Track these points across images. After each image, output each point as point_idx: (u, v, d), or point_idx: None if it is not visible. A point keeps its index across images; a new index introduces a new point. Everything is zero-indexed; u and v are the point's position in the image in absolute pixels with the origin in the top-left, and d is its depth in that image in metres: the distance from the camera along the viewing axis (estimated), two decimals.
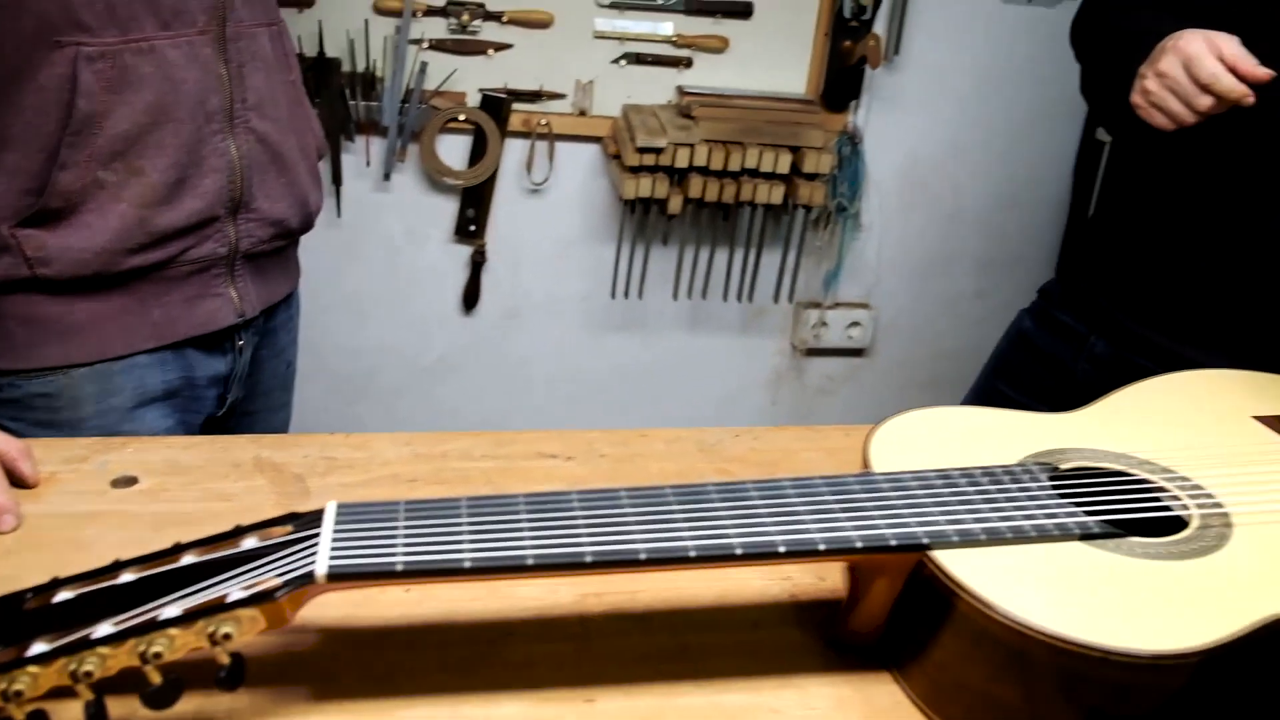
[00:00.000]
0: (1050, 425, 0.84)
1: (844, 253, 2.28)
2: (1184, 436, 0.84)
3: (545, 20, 1.95)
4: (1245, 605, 0.63)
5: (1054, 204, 2.34)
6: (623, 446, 0.96)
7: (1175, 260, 1.22)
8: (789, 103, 2.04)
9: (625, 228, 2.11)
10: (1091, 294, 1.34)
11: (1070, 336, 1.37)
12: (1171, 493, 0.76)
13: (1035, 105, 2.23)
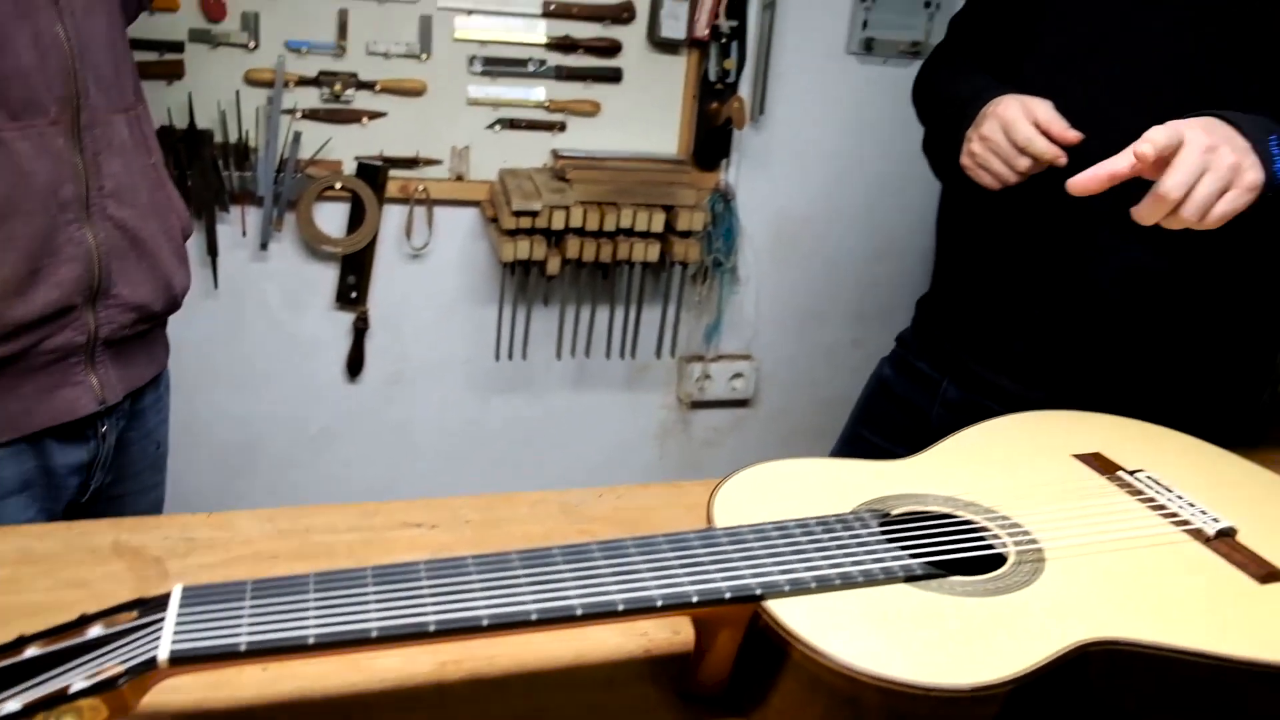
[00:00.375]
0: (885, 472, 0.89)
1: (723, 306, 2.35)
2: (1007, 477, 0.90)
3: (419, 89, 1.98)
4: (1054, 634, 0.68)
5: (921, 253, 2.45)
6: (487, 512, 0.98)
7: (1009, 306, 1.30)
8: (661, 163, 2.10)
9: (506, 289, 2.13)
10: (941, 341, 1.42)
11: (925, 383, 1.44)
12: (992, 531, 0.81)
13: (898, 158, 2.33)
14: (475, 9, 1.96)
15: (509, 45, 2.00)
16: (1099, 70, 1.19)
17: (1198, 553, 0.80)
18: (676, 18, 2.01)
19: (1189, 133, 0.93)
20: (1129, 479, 0.91)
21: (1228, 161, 0.93)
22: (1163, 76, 1.15)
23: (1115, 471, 0.92)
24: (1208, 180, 0.92)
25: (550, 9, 1.99)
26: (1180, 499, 0.87)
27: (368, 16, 1.92)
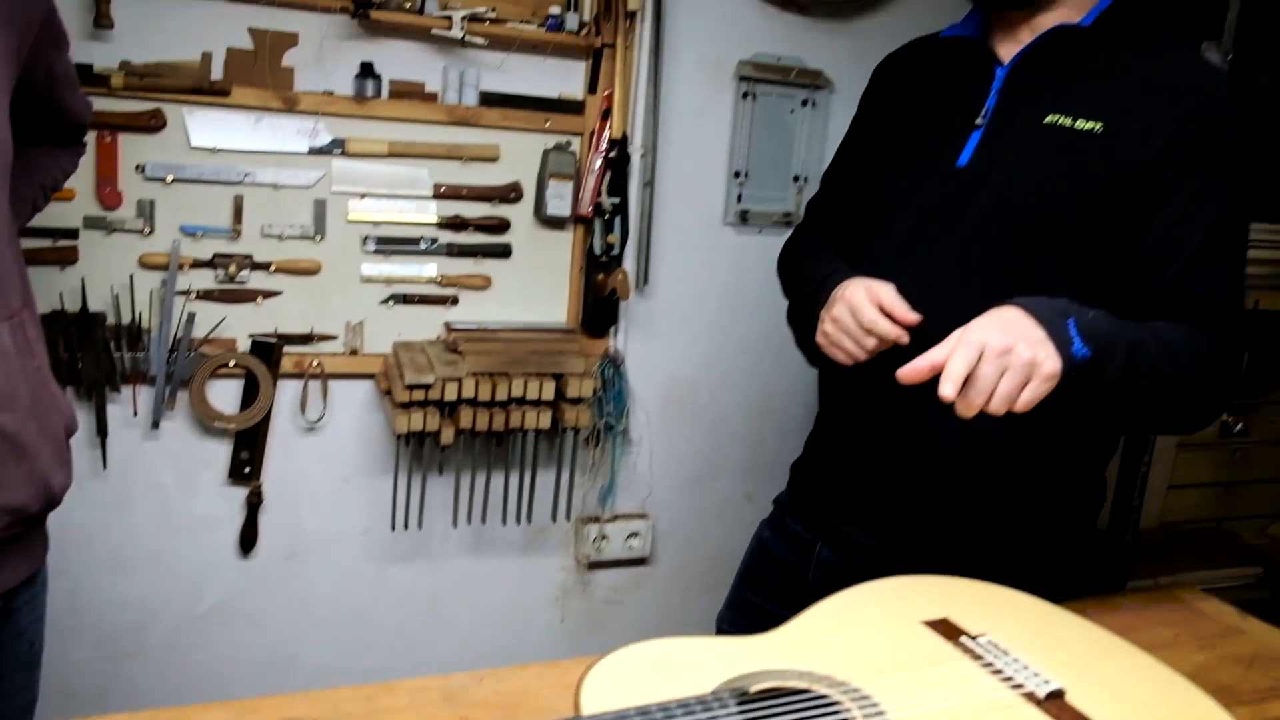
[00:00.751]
0: (748, 649, 0.94)
1: (616, 468, 2.40)
2: (862, 647, 0.96)
3: (313, 268, 2.04)
4: None
5: (806, 410, 2.56)
6: (368, 703, 0.99)
7: (871, 471, 1.39)
8: (551, 333, 2.19)
9: (401, 460, 2.16)
10: (813, 504, 1.50)
11: (801, 545, 1.51)
12: (844, 705, 0.86)
13: (778, 320, 2.43)
14: (368, 192, 2.05)
15: (401, 225, 2.09)
16: (933, 253, 1.32)
17: (1029, 716, 0.86)
18: (561, 197, 2.13)
19: (987, 338, 1.05)
20: (971, 644, 0.97)
21: (1023, 359, 1.04)
22: (985, 260, 1.27)
23: (959, 637, 0.99)
24: (1007, 378, 1.04)
25: (441, 191, 2.09)
26: (1016, 662, 0.94)
27: (263, 201, 1.99)
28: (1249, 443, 2.60)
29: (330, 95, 1.97)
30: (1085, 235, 1.24)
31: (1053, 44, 1.27)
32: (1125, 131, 1.21)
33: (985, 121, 1.31)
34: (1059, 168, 1.24)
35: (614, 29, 2.13)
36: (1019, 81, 1.31)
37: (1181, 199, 1.19)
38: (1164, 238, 1.20)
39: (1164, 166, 1.19)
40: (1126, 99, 1.22)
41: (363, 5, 1.88)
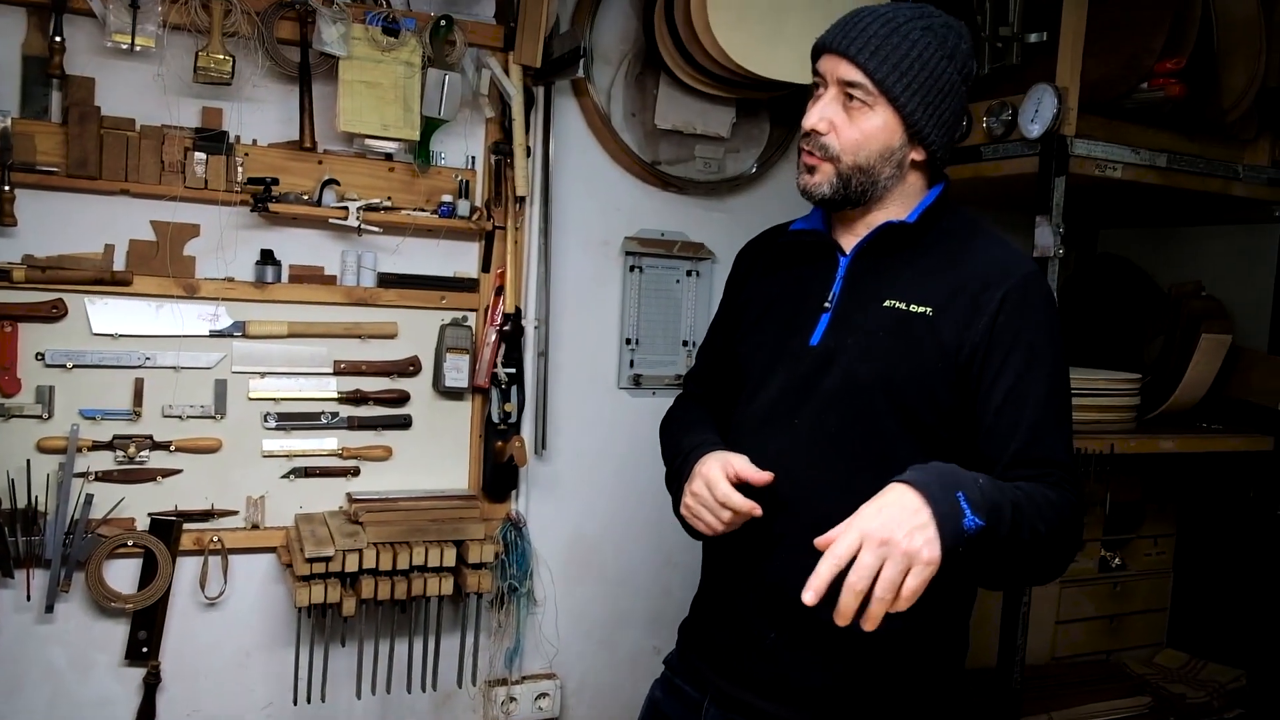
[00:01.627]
0: None
1: (522, 629, 2.43)
2: None
3: (214, 445, 2.09)
4: None
5: None
6: None
7: (742, 627, 1.46)
8: (452, 500, 2.25)
9: (303, 633, 2.17)
10: (698, 662, 1.56)
11: (689, 703, 1.56)
12: None
13: None
14: (269, 371, 2.12)
15: (302, 401, 2.16)
16: (792, 424, 1.44)
17: None
18: (459, 369, 2.23)
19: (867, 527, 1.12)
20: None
21: (902, 550, 1.10)
22: (838, 429, 1.39)
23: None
24: (888, 568, 1.10)
25: (341, 367, 2.18)
26: None
27: (164, 382, 2.05)
28: (1127, 576, 2.74)
29: (231, 281, 2.07)
30: (923, 405, 1.37)
31: (884, 238, 1.43)
32: (951, 316, 1.36)
33: (833, 305, 1.46)
34: (897, 345, 1.38)
35: (505, 212, 2.27)
36: (859, 270, 1.46)
37: (1010, 375, 1.34)
38: (1003, 411, 1.33)
39: (990, 347, 1.34)
40: (949, 287, 1.38)
41: (262, 200, 2.00)
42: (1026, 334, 1.34)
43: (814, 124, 1.40)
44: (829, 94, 1.40)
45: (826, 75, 1.40)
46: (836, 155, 1.39)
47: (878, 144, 1.39)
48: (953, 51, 1.39)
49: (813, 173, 1.42)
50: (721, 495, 1.35)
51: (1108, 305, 2.84)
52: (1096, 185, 2.22)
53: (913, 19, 1.37)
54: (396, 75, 2.10)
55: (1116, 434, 2.33)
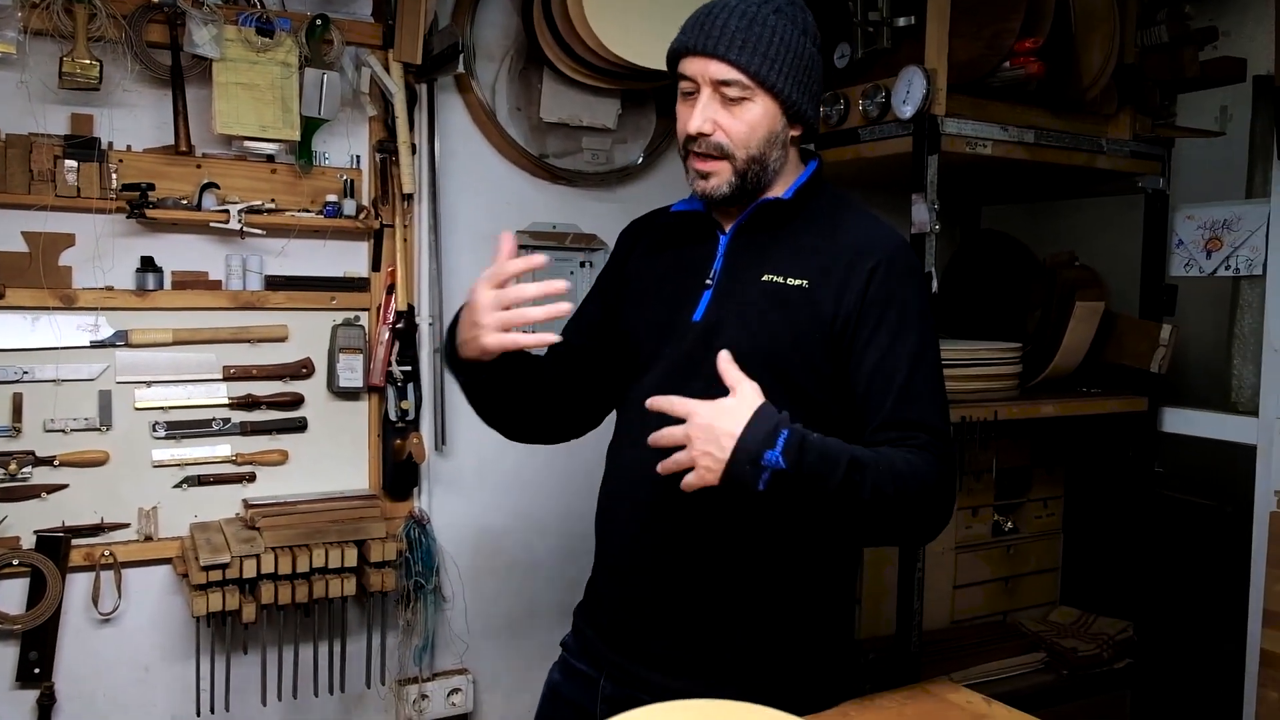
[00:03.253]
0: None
1: (431, 626, 2.43)
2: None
3: (100, 459, 2.05)
4: None
5: None
6: None
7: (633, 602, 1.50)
8: (351, 500, 2.24)
9: (203, 643, 2.14)
10: (594, 641, 1.59)
11: (586, 682, 1.59)
12: None
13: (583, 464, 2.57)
14: (155, 380, 2.09)
15: (192, 408, 2.13)
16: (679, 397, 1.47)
17: None
18: (353, 369, 2.22)
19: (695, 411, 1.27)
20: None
21: (694, 451, 1.25)
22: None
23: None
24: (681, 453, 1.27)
25: (231, 373, 2.15)
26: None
27: (44, 396, 2.00)
28: (1019, 539, 2.85)
29: (111, 290, 2.03)
30: (804, 375, 1.41)
31: (762, 214, 1.48)
32: (826, 288, 1.41)
33: (714, 282, 1.50)
34: (776, 318, 1.42)
35: (393, 211, 2.27)
36: (738, 247, 1.50)
37: (881, 343, 1.39)
38: (874, 377, 1.38)
39: (861, 316, 1.39)
40: (824, 261, 1.43)
41: (138, 206, 1.96)
42: (896, 304, 1.40)
43: (699, 127, 1.42)
44: (704, 95, 1.42)
45: (696, 77, 1.42)
46: (730, 152, 1.43)
47: (763, 131, 1.43)
48: (806, 26, 1.44)
49: (708, 177, 1.45)
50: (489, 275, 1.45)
51: (991, 279, 2.94)
52: (971, 163, 2.30)
53: (762, 5, 1.41)
54: (273, 76, 2.08)
55: (1000, 401, 2.42)
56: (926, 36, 2.12)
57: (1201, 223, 2.57)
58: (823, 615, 1.52)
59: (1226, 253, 2.52)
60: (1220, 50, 2.53)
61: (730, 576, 1.44)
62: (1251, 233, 2.45)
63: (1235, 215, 2.49)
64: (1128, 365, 2.63)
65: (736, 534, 1.43)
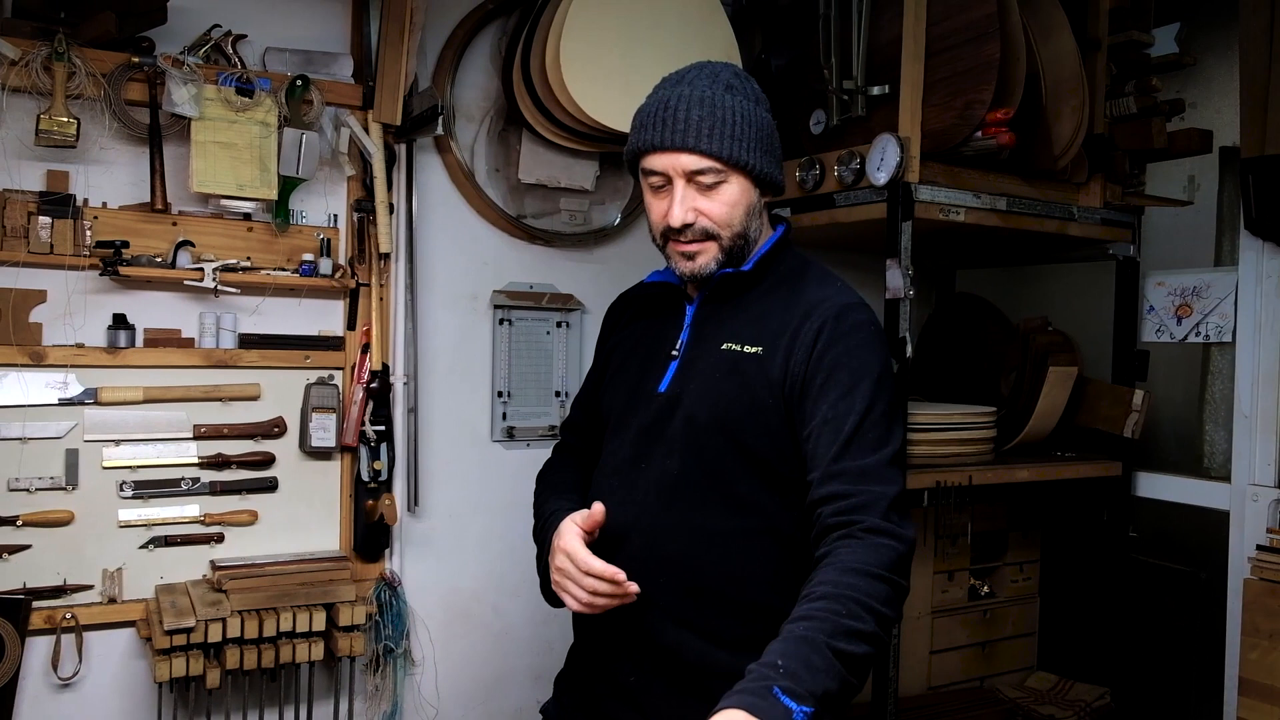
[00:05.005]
0: None
1: (400, 691, 2.38)
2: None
3: (65, 519, 2.01)
4: None
5: None
6: None
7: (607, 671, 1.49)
8: (321, 562, 2.20)
9: (164, 709, 2.08)
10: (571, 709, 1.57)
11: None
12: None
13: None
14: (124, 438, 2.06)
15: (161, 468, 2.10)
16: (647, 466, 1.47)
17: None
18: (325, 429, 2.20)
19: None
20: None
21: None
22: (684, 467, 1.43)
23: None
24: None
25: (201, 431, 2.12)
26: None
27: (9, 454, 1.97)
28: (995, 603, 2.83)
29: (81, 348, 2.01)
30: (759, 442, 1.41)
31: (723, 286, 1.50)
32: (777, 352, 1.42)
33: (680, 352, 1.51)
34: (732, 386, 1.43)
35: (369, 270, 2.27)
36: (703, 317, 1.52)
37: (830, 397, 1.38)
38: (822, 431, 1.37)
39: (811, 375, 1.39)
40: (777, 326, 1.44)
41: (112, 263, 1.95)
42: (844, 360, 1.39)
43: (683, 219, 1.43)
44: (680, 187, 1.43)
45: (667, 171, 1.44)
46: (716, 233, 1.45)
47: (742, 208, 1.46)
48: (757, 96, 1.47)
49: (694, 258, 1.47)
50: (583, 564, 1.37)
51: (966, 342, 2.96)
52: (945, 229, 2.33)
53: (713, 87, 1.43)
54: (252, 135, 2.09)
55: (975, 466, 2.42)
56: (900, 105, 2.16)
57: (1171, 289, 2.61)
58: None
59: (1196, 319, 2.55)
60: (1188, 121, 2.58)
61: (702, 647, 1.42)
62: (1221, 300, 2.49)
63: (1204, 282, 2.53)
64: (1101, 430, 2.64)
65: (709, 604, 1.42)
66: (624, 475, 1.49)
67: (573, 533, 1.40)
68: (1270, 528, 2.31)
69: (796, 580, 1.31)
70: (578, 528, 1.40)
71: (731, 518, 1.42)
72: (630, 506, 1.45)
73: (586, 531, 1.40)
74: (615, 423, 1.57)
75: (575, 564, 1.38)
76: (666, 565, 1.42)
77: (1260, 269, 2.36)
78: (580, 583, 1.37)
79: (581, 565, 1.37)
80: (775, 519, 1.42)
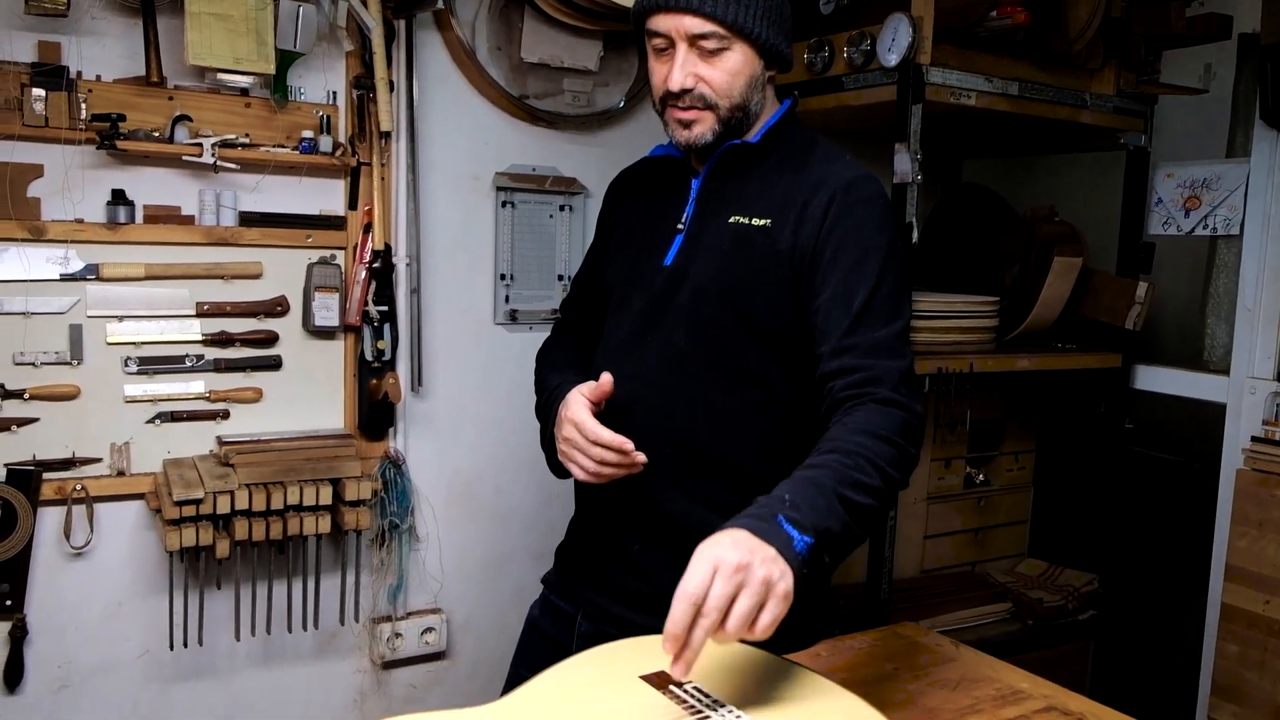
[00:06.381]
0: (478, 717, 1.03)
1: (405, 566, 2.44)
2: (577, 702, 1.06)
3: (71, 393, 2.03)
4: None
5: None
6: None
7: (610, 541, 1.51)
8: (326, 439, 2.23)
9: (176, 578, 2.14)
10: (572, 579, 1.60)
11: (564, 619, 1.61)
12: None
13: None
14: (127, 315, 2.06)
15: (164, 344, 2.11)
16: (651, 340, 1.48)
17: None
18: (328, 308, 2.20)
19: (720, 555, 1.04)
20: (679, 692, 1.09)
21: (759, 578, 1.03)
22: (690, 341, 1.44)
23: (669, 686, 1.10)
24: (744, 598, 1.02)
25: (204, 309, 2.13)
26: (712, 701, 1.06)
27: (13, 329, 1.98)
28: (990, 491, 2.88)
29: (80, 223, 2.00)
30: (768, 314, 1.42)
31: (730, 157, 1.47)
32: (785, 225, 1.41)
33: (686, 226, 1.50)
34: (740, 259, 1.43)
35: (369, 148, 2.24)
36: (709, 190, 1.50)
37: (838, 272, 1.38)
38: (831, 306, 1.37)
39: (820, 248, 1.39)
40: (786, 198, 1.43)
41: (109, 137, 1.93)
42: (854, 233, 1.38)
43: (681, 84, 1.40)
44: (681, 51, 1.40)
45: (671, 33, 1.40)
46: (714, 102, 1.42)
47: (744, 78, 1.43)
48: None
49: (691, 126, 1.44)
50: (591, 433, 1.38)
51: (971, 233, 2.94)
52: (955, 114, 2.29)
53: None
54: (247, 7, 2.03)
55: (976, 354, 2.43)
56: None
57: (1181, 181, 2.58)
58: None
59: (1205, 211, 2.53)
60: (1206, 7, 2.52)
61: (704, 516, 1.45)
62: (1230, 192, 2.46)
63: (1215, 174, 2.50)
64: (1103, 321, 2.64)
65: (712, 475, 1.44)
66: (628, 350, 1.50)
67: (580, 404, 1.41)
68: (1266, 420, 2.33)
69: (800, 452, 1.33)
70: (585, 399, 1.41)
71: (737, 390, 1.43)
72: (635, 381, 1.45)
73: (594, 403, 1.41)
74: (618, 298, 1.57)
75: (583, 434, 1.39)
76: (672, 437, 1.43)
77: (1273, 160, 2.33)
78: (588, 452, 1.39)
79: (590, 435, 1.38)
80: (780, 391, 1.44)
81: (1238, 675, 2.32)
